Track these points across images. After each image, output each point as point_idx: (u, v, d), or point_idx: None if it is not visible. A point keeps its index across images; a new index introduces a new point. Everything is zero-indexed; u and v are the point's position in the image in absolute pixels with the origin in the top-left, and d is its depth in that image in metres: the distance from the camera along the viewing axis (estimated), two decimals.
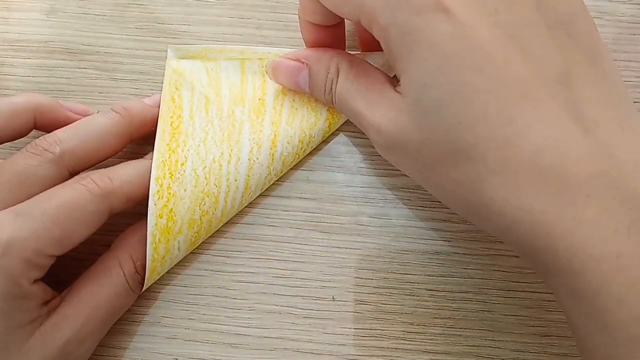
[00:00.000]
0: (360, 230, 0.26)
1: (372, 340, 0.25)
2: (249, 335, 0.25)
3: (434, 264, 0.26)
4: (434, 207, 0.26)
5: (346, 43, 0.26)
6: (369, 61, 0.25)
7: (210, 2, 0.28)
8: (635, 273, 0.16)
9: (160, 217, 0.24)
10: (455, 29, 0.18)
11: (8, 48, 0.28)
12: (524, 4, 0.19)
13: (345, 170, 0.27)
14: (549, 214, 0.17)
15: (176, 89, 0.26)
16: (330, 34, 0.24)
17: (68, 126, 0.23)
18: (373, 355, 0.25)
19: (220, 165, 0.25)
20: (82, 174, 0.23)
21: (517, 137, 0.18)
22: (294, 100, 0.26)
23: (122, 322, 0.25)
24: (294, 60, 0.24)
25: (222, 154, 0.25)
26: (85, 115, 0.25)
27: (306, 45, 0.25)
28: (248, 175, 0.25)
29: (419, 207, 0.26)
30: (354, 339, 0.25)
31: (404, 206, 0.26)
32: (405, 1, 0.18)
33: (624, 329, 0.17)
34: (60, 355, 0.22)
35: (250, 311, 0.26)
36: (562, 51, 0.19)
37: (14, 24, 0.28)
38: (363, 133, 0.26)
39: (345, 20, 0.25)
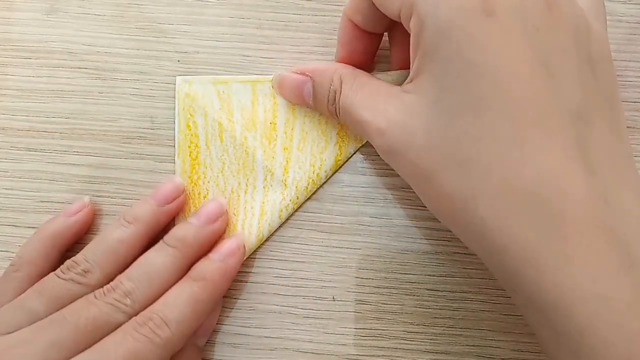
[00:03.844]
0: (361, 230, 0.26)
1: (372, 340, 0.25)
2: (249, 335, 0.25)
3: (435, 264, 0.26)
4: None
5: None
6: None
7: (210, 2, 0.28)
8: (622, 315, 0.16)
9: None
10: (491, 39, 0.18)
11: (8, 48, 0.28)
12: (564, 31, 0.18)
13: (346, 170, 0.27)
14: (540, 246, 0.17)
15: (190, 115, 0.26)
16: (363, 42, 0.24)
17: (130, 271, 0.23)
18: (373, 355, 0.25)
19: (239, 196, 0.26)
20: (139, 317, 0.22)
21: (522, 162, 0.17)
22: (304, 124, 0.26)
23: None
24: (299, 73, 0.25)
25: (239, 184, 0.26)
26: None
27: (338, 47, 0.25)
28: (263, 202, 0.26)
29: (419, 207, 0.26)
30: (355, 339, 0.25)
31: (405, 206, 0.26)
32: None
33: None
34: None
35: (250, 311, 0.26)
36: (586, 87, 0.18)
37: (14, 24, 0.28)
38: None
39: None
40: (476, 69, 0.18)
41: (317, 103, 0.24)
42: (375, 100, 0.21)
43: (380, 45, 0.26)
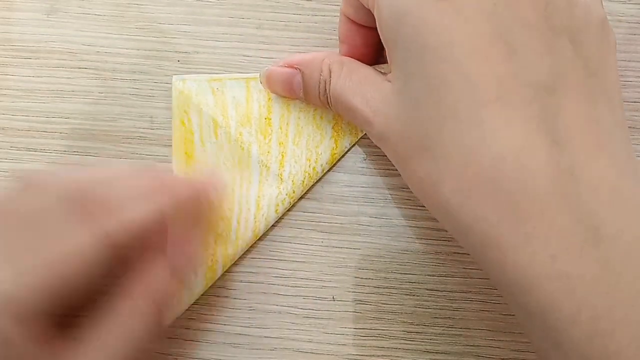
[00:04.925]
0: (361, 230, 0.26)
1: (372, 340, 0.25)
2: (249, 335, 0.25)
3: (434, 264, 0.26)
4: None
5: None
6: None
7: (210, 2, 0.28)
8: (586, 292, 0.16)
9: None
10: (443, 19, 0.18)
11: (8, 48, 0.28)
12: (529, 4, 0.18)
13: (346, 170, 0.27)
14: (501, 226, 0.17)
15: (185, 112, 0.26)
16: (361, 36, 0.24)
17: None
18: (373, 355, 0.25)
19: (233, 190, 0.26)
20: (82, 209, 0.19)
21: (481, 141, 0.17)
22: (299, 118, 0.26)
23: None
24: (287, 66, 0.24)
25: (234, 179, 0.26)
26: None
27: (340, 44, 0.25)
28: (259, 196, 0.26)
29: (419, 207, 0.26)
30: (354, 339, 0.25)
31: (404, 206, 0.26)
32: None
33: (576, 348, 0.16)
34: None
35: (250, 311, 0.26)
36: (558, 58, 0.18)
37: (14, 24, 0.28)
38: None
39: None
40: (432, 51, 0.18)
41: (308, 95, 0.24)
42: (363, 87, 0.22)
43: None
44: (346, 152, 0.27)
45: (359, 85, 0.22)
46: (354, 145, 0.27)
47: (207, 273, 0.25)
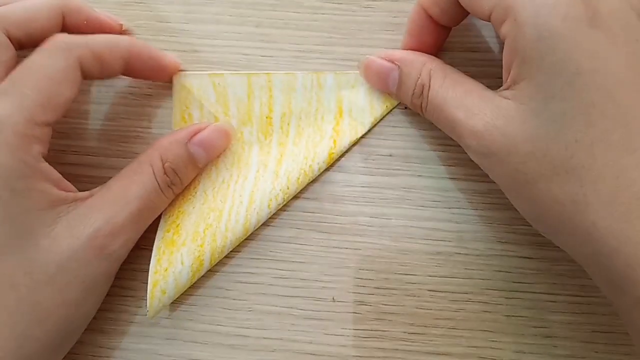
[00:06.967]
0: (361, 231, 0.26)
1: (372, 341, 0.25)
2: (248, 337, 0.25)
3: (435, 265, 0.26)
4: (435, 207, 0.26)
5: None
6: None
7: (210, 0, 0.28)
8: None
9: (167, 232, 0.25)
10: (597, 46, 0.18)
11: None
12: None
13: (345, 170, 0.26)
14: None
15: (186, 107, 0.26)
16: (434, 34, 0.24)
17: None
18: (373, 357, 0.25)
19: (228, 185, 0.26)
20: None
21: (635, 168, 0.18)
22: (300, 119, 0.26)
23: (121, 322, 0.25)
24: (387, 60, 0.25)
25: (231, 176, 0.26)
26: (113, 24, 0.26)
27: (406, 36, 0.25)
28: (252, 191, 0.25)
29: (419, 207, 0.26)
30: (355, 340, 0.25)
31: (404, 206, 0.26)
32: (553, 3, 0.18)
33: None
34: (92, 246, 0.22)
35: (249, 312, 0.25)
36: None
37: None
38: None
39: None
40: (586, 76, 0.18)
41: (401, 93, 0.24)
42: (468, 100, 0.21)
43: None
44: (345, 152, 0.26)
45: (464, 97, 0.22)
46: (353, 145, 0.26)
47: (193, 264, 0.24)
